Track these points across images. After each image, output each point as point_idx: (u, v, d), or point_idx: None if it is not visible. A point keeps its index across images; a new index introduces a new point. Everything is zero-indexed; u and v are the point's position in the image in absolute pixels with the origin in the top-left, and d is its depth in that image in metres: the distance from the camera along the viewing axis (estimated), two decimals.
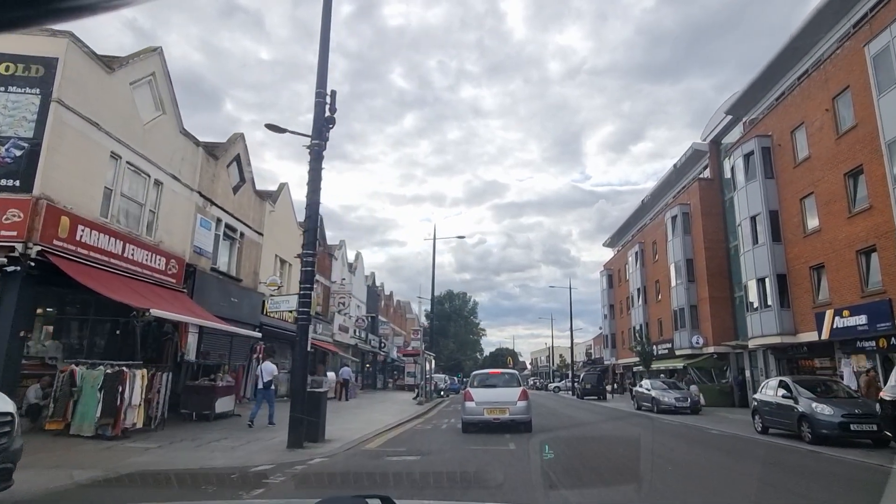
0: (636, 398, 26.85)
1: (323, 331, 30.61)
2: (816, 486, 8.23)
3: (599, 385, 40.08)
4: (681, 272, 34.40)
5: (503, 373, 16.28)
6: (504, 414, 13.34)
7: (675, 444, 12.73)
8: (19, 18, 0.87)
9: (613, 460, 10.12)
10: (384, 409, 22.59)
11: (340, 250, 35.69)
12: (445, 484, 7.31)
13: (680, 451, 11.35)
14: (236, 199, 20.19)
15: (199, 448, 9.85)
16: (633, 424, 18.19)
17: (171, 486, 7.04)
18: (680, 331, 34.05)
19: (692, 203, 34.28)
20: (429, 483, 7.35)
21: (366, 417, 17.59)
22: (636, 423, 18.64)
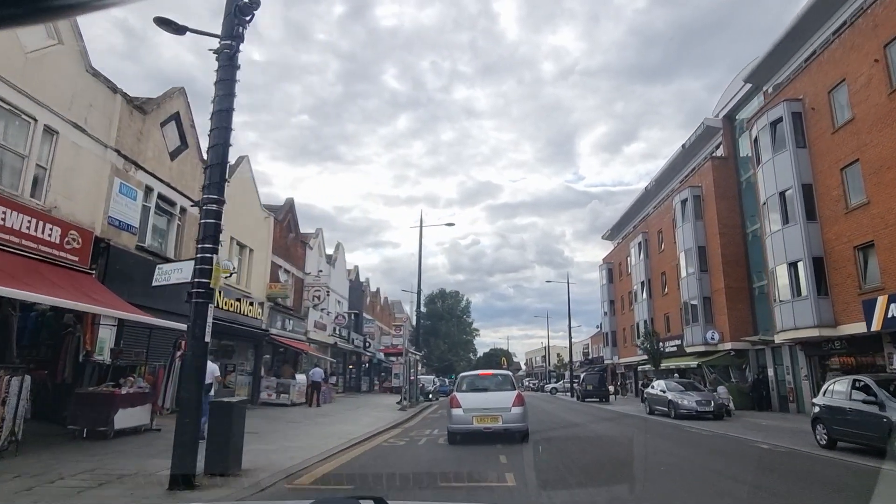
0: (648, 401, 23.61)
1: (294, 328, 27.19)
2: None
3: (601, 386, 36.89)
4: (692, 261, 31.23)
5: (495, 374, 14.01)
6: (496, 423, 11.38)
7: (725, 466, 9.47)
8: (9, 17, 0.84)
9: (650, 492, 6.85)
10: (357, 416, 19.22)
11: (317, 239, 32.26)
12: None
13: (737, 477, 8.09)
14: (175, 166, 16.77)
15: (22, 493, 6.40)
16: (654, 434, 14.93)
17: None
18: (692, 326, 30.86)
19: (704, 185, 31.12)
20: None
21: (327, 430, 14.22)
22: (656, 433, 15.40)
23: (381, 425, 16.19)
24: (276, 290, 23.79)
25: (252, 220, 22.60)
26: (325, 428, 14.72)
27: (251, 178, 22.73)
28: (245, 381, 22.27)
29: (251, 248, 22.44)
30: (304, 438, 12.12)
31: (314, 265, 31.21)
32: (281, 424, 15.17)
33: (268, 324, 23.78)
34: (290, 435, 12.72)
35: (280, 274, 25.90)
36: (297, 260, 28.65)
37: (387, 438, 13.30)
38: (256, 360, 23.00)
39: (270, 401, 22.71)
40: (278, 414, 18.85)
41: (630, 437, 14.27)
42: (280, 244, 26.00)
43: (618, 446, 12.26)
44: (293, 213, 27.87)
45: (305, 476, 8.17)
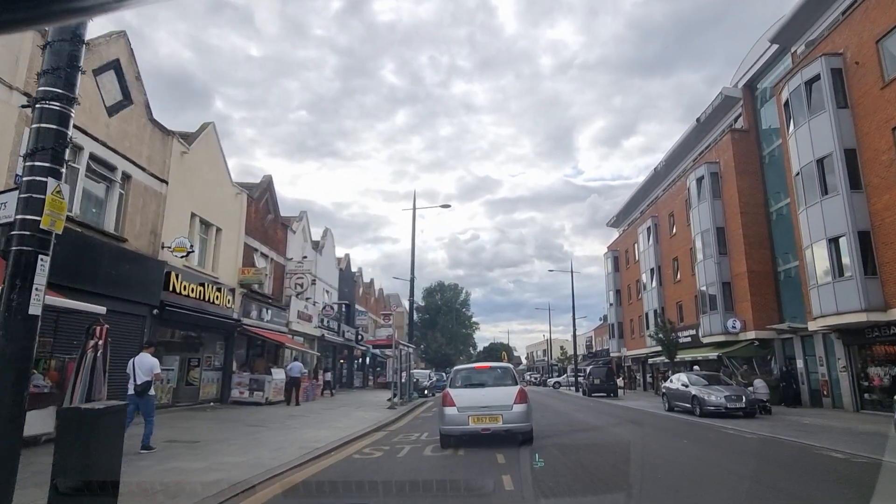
0: (667, 396, 21.07)
1: (274, 318, 24.63)
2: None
3: (609, 380, 34.40)
4: (709, 244, 28.65)
5: (494, 367, 12.11)
6: (496, 423, 9.85)
7: (815, 490, 6.93)
8: (16, 21, 0.85)
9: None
10: (336, 417, 16.69)
11: (300, 223, 29.66)
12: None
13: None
14: (116, 124, 14.14)
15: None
16: (686, 438, 12.39)
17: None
18: (709, 314, 28.31)
19: (723, 160, 28.50)
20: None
21: (290, 437, 11.67)
22: (685, 434, 12.88)
23: (360, 428, 13.66)
24: (249, 275, 21.22)
25: (219, 195, 19.99)
26: (289, 434, 12.17)
27: (218, 149, 20.09)
28: (213, 377, 19.73)
29: (218, 228, 19.84)
30: (254, 450, 9.55)
31: (298, 251, 28.64)
32: (237, 429, 12.62)
33: (240, 313, 21.22)
34: (239, 445, 10.16)
35: (256, 258, 23.32)
36: (277, 244, 26.06)
37: (362, 447, 10.75)
38: (227, 354, 20.45)
39: (242, 399, 20.18)
40: (244, 415, 16.30)
41: (646, 436, 11.70)
42: (256, 225, 23.41)
43: (640, 449, 9.70)
44: (272, 192, 25.26)
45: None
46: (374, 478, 7.43)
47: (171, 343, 17.52)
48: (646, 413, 20.39)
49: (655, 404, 24.98)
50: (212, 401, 19.31)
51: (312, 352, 27.97)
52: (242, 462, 8.29)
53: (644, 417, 18.41)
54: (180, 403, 17.57)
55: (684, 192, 32.71)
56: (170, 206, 16.41)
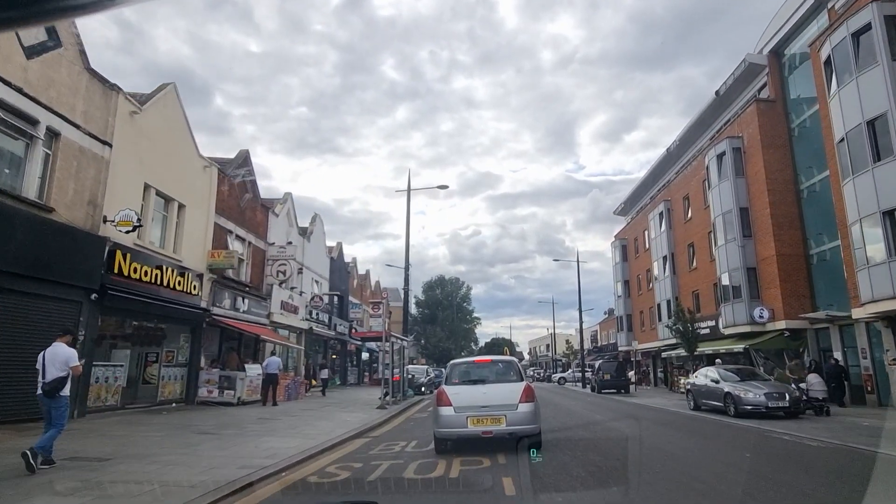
0: (693, 394, 18.62)
1: (252, 308, 22.20)
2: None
3: (620, 376, 31.99)
4: (732, 226, 26.14)
5: (495, 361, 10.71)
6: (498, 424, 8.65)
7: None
8: (11, 19, 0.83)
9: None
10: (314, 421, 14.26)
11: (284, 205, 27.18)
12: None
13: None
14: (37, 68, 11.67)
15: None
16: (742, 448, 9.94)
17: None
18: (732, 303, 25.81)
19: (747, 134, 25.96)
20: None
21: (244, 448, 9.24)
22: (735, 443, 10.44)
23: (337, 435, 11.26)
24: (219, 258, 18.77)
25: (183, 167, 17.52)
26: (242, 444, 9.73)
27: (181, 115, 17.60)
28: (176, 374, 17.31)
29: (181, 204, 17.37)
30: (173, 470, 7.11)
31: (282, 236, 26.19)
32: (178, 439, 10.19)
33: (210, 301, 18.79)
34: (161, 463, 7.71)
35: (230, 241, 20.88)
36: (257, 227, 23.60)
37: (327, 464, 8.31)
38: (193, 348, 18.02)
39: (211, 399, 17.77)
40: (204, 419, 13.89)
41: (736, 464, 9.22)
42: (230, 205, 20.95)
43: (728, 483, 7.24)
44: (249, 166, 22.76)
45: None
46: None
47: (120, 335, 15.08)
48: (670, 413, 17.94)
49: (675, 402, 22.55)
50: (174, 401, 16.90)
51: (297, 346, 25.54)
52: (139, 494, 5.85)
53: (671, 418, 15.95)
54: (133, 405, 15.16)
55: (702, 172, 30.20)
56: (115, 174, 13.93)
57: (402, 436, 11.92)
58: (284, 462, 8.01)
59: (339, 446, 10.25)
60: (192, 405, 17.42)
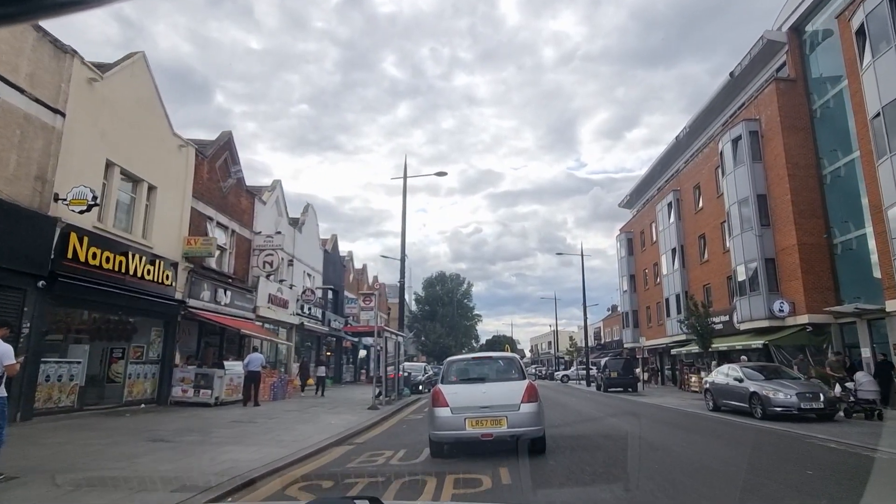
0: (712, 393, 17.07)
1: (235, 301, 20.66)
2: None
3: (628, 373, 30.49)
4: (748, 215, 24.56)
5: (495, 358, 9.95)
6: (499, 426, 7.95)
7: None
8: (10, 15, 0.84)
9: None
10: (294, 424, 12.74)
11: (272, 193, 25.62)
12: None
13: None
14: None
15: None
16: (796, 462, 8.41)
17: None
18: (748, 296, 24.24)
19: (765, 116, 24.36)
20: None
21: (194, 460, 7.71)
22: (781, 453, 8.91)
23: (315, 442, 9.77)
24: (196, 246, 17.23)
25: (153, 145, 15.97)
26: (196, 455, 8.18)
27: (152, 88, 16.04)
28: (146, 372, 15.78)
29: (151, 185, 15.82)
30: (78, 498, 5.58)
31: (270, 225, 24.64)
32: (121, 446, 8.65)
33: (186, 293, 17.26)
34: (73, 481, 6.17)
35: (210, 228, 19.34)
36: (241, 214, 22.05)
37: (291, 482, 6.77)
38: (167, 343, 16.48)
39: (185, 399, 16.26)
40: (169, 422, 12.36)
41: (796, 485, 7.67)
42: (210, 189, 19.41)
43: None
44: (232, 151, 21.21)
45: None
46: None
47: (78, 328, 13.56)
48: (688, 414, 16.40)
49: (689, 402, 21.02)
50: (144, 402, 15.38)
51: (285, 342, 24.01)
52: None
53: (693, 422, 14.40)
54: (95, 406, 13.65)
55: (714, 159, 28.61)
56: (69, 147, 12.38)
57: (390, 443, 10.39)
58: (238, 480, 6.48)
59: (313, 457, 8.74)
60: (164, 406, 15.90)
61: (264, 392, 19.35)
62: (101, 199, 13.46)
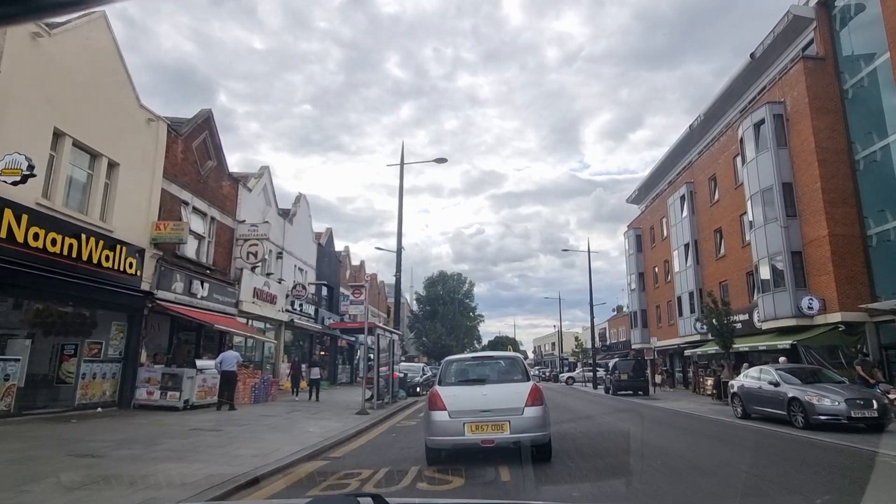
0: (741, 398, 15.24)
1: (215, 294, 18.93)
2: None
3: (639, 376, 28.68)
4: (772, 204, 22.71)
5: (497, 358, 9.25)
6: (501, 432, 7.32)
7: None
8: (12, 14, 0.82)
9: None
10: (266, 432, 10.98)
11: (259, 180, 23.88)
12: None
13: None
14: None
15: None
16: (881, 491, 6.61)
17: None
18: (772, 293, 22.38)
19: (791, 98, 22.52)
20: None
21: (102, 494, 5.95)
22: (857, 474, 7.13)
23: (281, 457, 8.06)
24: (166, 230, 15.48)
25: (116, 116, 14.24)
26: (111, 481, 6.41)
27: (115, 54, 14.28)
28: (105, 371, 14.03)
29: (113, 161, 14.08)
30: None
31: (256, 215, 22.90)
32: (24, 466, 6.88)
33: (154, 283, 15.51)
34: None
35: (185, 213, 17.58)
36: (223, 201, 20.30)
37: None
38: (130, 339, 14.73)
39: (151, 402, 14.49)
40: (115, 429, 10.60)
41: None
42: (185, 170, 17.67)
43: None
44: (212, 131, 19.44)
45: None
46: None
47: (17, 320, 11.82)
48: (714, 422, 14.59)
49: (710, 407, 19.23)
50: (101, 405, 13.62)
51: (270, 340, 22.25)
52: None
53: (723, 431, 12.59)
54: (38, 410, 11.91)
55: (733, 147, 26.79)
56: (3, 110, 10.64)
57: (373, 458, 8.61)
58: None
59: (272, 476, 6.99)
60: (126, 410, 14.15)
61: (243, 394, 17.62)
62: (49, 172, 11.76)
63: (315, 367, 20.12)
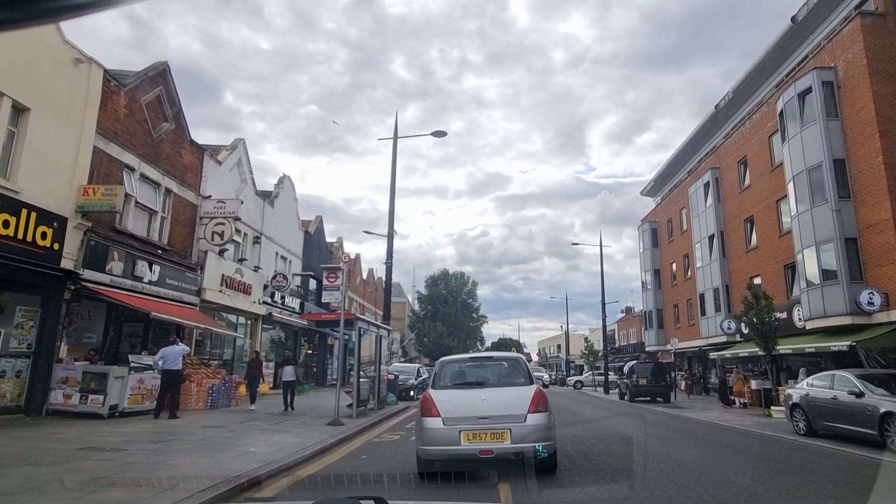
0: (805, 411, 12.24)
1: (170, 279, 16.04)
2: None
3: (659, 380, 25.80)
4: (821, 185, 19.65)
5: (497, 359, 8.43)
6: (502, 441, 6.63)
7: None
8: (12, 19, 0.81)
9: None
10: (181, 452, 8.07)
11: (232, 153, 20.97)
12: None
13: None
14: None
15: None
16: None
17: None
18: (822, 287, 19.30)
19: (845, 61, 19.47)
20: None
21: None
22: None
23: (175, 500, 5.08)
24: (94, 197, 12.58)
25: (26, 49, 11.36)
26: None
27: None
28: (8, 368, 11.13)
29: (21, 105, 11.20)
30: None
31: (227, 192, 20.01)
32: None
33: (81, 261, 12.62)
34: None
35: (130, 180, 14.70)
36: (183, 172, 17.41)
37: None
38: (44, 330, 11.82)
39: (69, 407, 11.60)
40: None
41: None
42: (130, 130, 14.78)
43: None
44: (169, 88, 16.50)
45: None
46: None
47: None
48: (773, 440, 11.60)
49: (754, 420, 16.24)
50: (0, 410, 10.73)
51: (234, 334, 19.31)
52: None
53: (795, 455, 9.59)
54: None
55: (769, 124, 23.77)
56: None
57: None
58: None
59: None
60: (37, 416, 11.27)
61: (198, 398, 14.74)
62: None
63: (288, 366, 16.56)
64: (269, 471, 7.20)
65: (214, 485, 6.08)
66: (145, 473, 6.50)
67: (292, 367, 16.66)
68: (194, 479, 6.20)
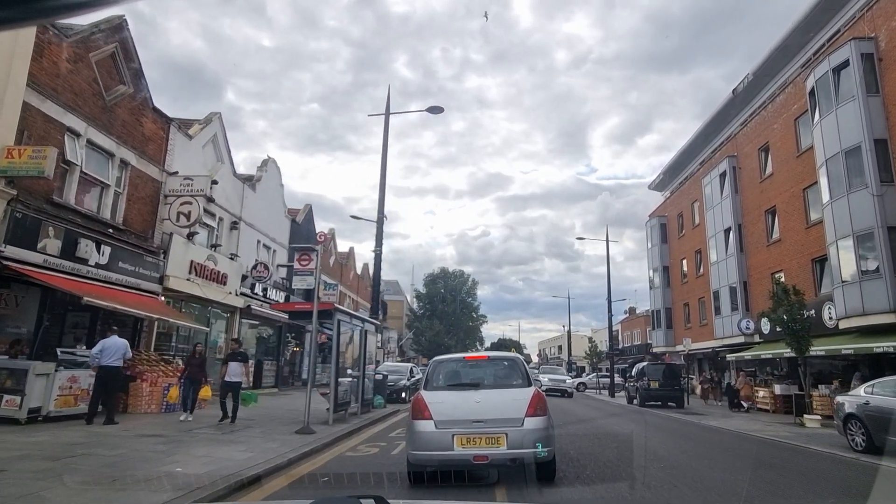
0: (865, 422, 10.25)
1: (125, 263, 14.04)
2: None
3: (672, 385, 23.82)
4: (859, 168, 17.65)
5: (494, 359, 7.92)
6: (497, 446, 6.31)
7: None
8: (12, 18, 0.79)
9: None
10: (80, 474, 6.03)
11: (206, 127, 18.94)
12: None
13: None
14: None
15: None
16: None
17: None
18: (860, 282, 17.27)
19: (888, 30, 17.46)
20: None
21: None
22: None
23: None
24: (19, 159, 10.58)
25: None
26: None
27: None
28: None
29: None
30: None
31: (198, 170, 17.98)
32: None
33: (3, 236, 10.62)
34: None
35: (73, 147, 12.69)
36: (144, 143, 15.39)
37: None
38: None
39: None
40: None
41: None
42: (76, 89, 12.77)
43: None
44: (126, 46, 14.41)
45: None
46: None
47: None
48: (835, 461, 9.61)
49: (788, 428, 14.25)
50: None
51: (200, 327, 17.28)
52: None
53: (862, 479, 7.60)
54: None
55: (795, 106, 21.80)
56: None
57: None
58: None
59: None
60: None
61: (150, 400, 12.74)
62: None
63: (234, 363, 12.00)
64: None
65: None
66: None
67: (239, 365, 12.10)
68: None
